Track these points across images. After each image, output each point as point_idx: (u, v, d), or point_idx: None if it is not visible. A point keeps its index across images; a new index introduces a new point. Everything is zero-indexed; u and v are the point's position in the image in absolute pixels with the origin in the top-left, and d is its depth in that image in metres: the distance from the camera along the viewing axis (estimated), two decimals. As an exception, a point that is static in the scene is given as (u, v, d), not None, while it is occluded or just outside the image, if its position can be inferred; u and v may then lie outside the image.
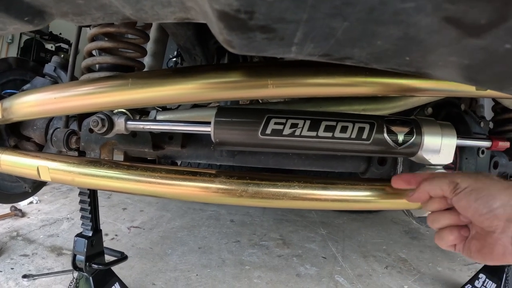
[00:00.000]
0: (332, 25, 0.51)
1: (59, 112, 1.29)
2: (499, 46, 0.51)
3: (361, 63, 0.64)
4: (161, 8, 0.62)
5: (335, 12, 0.48)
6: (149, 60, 1.84)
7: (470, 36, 0.50)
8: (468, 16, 0.46)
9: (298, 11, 0.50)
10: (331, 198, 1.16)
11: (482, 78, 0.67)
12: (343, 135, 1.08)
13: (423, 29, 0.50)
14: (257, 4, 0.49)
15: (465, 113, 1.78)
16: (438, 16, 0.47)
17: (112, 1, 0.61)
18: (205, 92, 1.04)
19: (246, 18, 0.52)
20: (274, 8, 0.50)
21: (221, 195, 1.16)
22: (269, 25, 0.54)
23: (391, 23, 0.50)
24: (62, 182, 1.37)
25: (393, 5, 0.46)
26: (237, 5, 0.49)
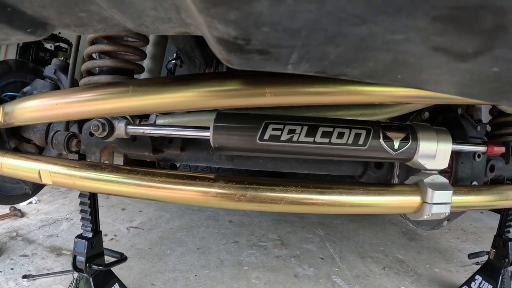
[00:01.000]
0: (326, 50, 0.53)
1: (60, 118, 1.30)
2: (487, 69, 0.53)
3: (355, 79, 0.65)
4: (161, 24, 0.63)
5: (328, 40, 0.50)
6: (149, 63, 1.85)
7: (458, 61, 0.51)
8: (455, 46, 0.47)
9: (292, 39, 0.51)
10: (328, 203, 1.17)
11: (474, 93, 0.68)
12: (340, 141, 1.10)
13: (412, 55, 0.52)
14: (254, 33, 0.51)
15: (461, 117, 1.79)
16: (426, 46, 0.48)
17: (114, 15, 0.63)
18: (204, 100, 1.05)
19: (243, 43, 0.54)
20: (270, 37, 0.52)
21: (219, 200, 1.17)
22: (266, 49, 0.56)
23: (381, 50, 0.51)
24: (63, 185, 1.38)
25: (382, 36, 0.47)
26: (235, 34, 0.51)
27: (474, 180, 1.72)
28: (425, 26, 0.44)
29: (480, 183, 1.74)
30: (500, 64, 0.51)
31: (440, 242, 3.32)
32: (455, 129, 1.71)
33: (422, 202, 1.23)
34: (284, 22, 0.47)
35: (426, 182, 1.23)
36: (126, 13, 0.61)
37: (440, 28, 0.44)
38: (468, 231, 3.75)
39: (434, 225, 1.78)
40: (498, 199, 1.49)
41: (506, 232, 2.22)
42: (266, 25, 0.48)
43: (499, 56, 0.48)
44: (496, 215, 2.79)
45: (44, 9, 0.68)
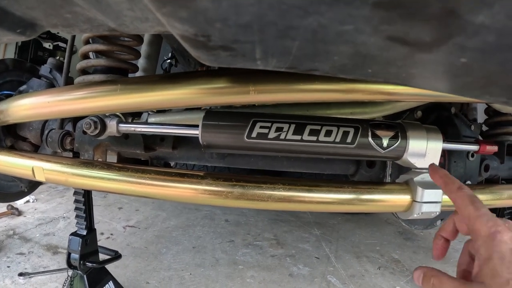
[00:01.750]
0: (285, 44, 0.54)
1: (53, 116, 1.31)
2: (455, 60, 0.53)
3: (328, 74, 0.66)
4: (140, 23, 0.65)
5: (283, 34, 0.51)
6: (143, 62, 1.85)
7: (421, 51, 0.51)
8: (411, 35, 0.48)
9: (248, 35, 0.53)
10: (316, 200, 1.18)
11: (453, 87, 0.69)
12: (328, 139, 1.10)
13: (371, 47, 0.52)
14: (209, 30, 0.52)
15: (455, 116, 1.79)
16: (380, 36, 0.49)
17: (97, 16, 0.64)
18: (191, 98, 1.07)
19: (205, 40, 0.55)
20: (226, 33, 0.53)
21: (207, 196, 1.18)
22: (227, 45, 0.57)
23: (338, 43, 0.52)
24: (56, 182, 1.39)
25: (333, 28, 0.48)
26: (193, 31, 0.52)
27: (468, 180, 1.72)
28: (369, 15, 0.44)
29: (474, 182, 1.74)
30: (466, 54, 0.51)
31: (437, 242, 3.32)
32: (448, 128, 1.72)
33: (412, 200, 1.23)
34: (232, 17, 0.48)
35: (416, 181, 1.23)
36: (105, 14, 0.62)
37: (385, 16, 0.44)
38: (464, 231, 3.74)
39: (427, 224, 1.78)
40: (492, 199, 1.50)
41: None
42: (217, 21, 0.49)
43: (462, 45, 0.48)
44: (492, 215, 2.80)
45: (32, 10, 0.70)
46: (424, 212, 1.22)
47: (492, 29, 0.43)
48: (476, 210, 0.78)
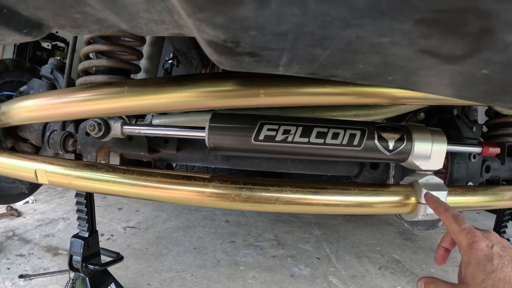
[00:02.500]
0: (315, 53, 0.54)
1: (56, 118, 1.30)
2: (477, 72, 0.53)
3: (346, 80, 0.66)
4: (155, 25, 0.64)
5: (316, 43, 0.51)
6: (145, 63, 1.85)
7: (447, 63, 0.51)
8: (443, 49, 0.48)
9: (280, 43, 0.52)
10: (322, 203, 1.18)
11: (467, 94, 0.69)
12: (335, 141, 1.10)
13: (401, 58, 0.52)
14: (242, 36, 0.51)
15: (457, 118, 1.79)
16: (413, 49, 0.49)
17: (108, 17, 0.63)
18: (199, 100, 1.06)
19: (233, 46, 0.54)
20: (258, 40, 0.52)
21: (214, 199, 1.18)
22: (255, 51, 0.57)
23: (369, 53, 0.52)
24: (59, 185, 1.38)
25: (369, 39, 0.48)
26: (224, 37, 0.52)
27: (470, 181, 1.72)
28: (410, 29, 0.44)
29: (475, 183, 1.74)
30: (489, 66, 0.51)
31: (437, 242, 3.29)
32: (451, 130, 1.72)
33: (417, 202, 1.24)
34: (270, 25, 0.48)
35: (420, 183, 1.23)
36: (119, 15, 0.61)
37: (425, 31, 0.44)
38: (464, 232, 3.75)
39: (429, 225, 1.78)
40: (493, 200, 1.50)
41: (502, 232, 2.22)
42: (253, 28, 0.49)
43: (488, 59, 0.48)
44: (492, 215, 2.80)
45: (39, 10, 0.69)
46: (428, 213, 1.22)
47: None
48: (458, 226, 0.97)
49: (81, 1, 0.62)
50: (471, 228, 0.95)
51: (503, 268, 0.84)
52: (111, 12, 0.61)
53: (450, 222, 1.00)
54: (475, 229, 0.96)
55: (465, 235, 0.94)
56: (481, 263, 0.87)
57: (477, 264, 0.88)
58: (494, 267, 0.85)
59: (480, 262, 0.87)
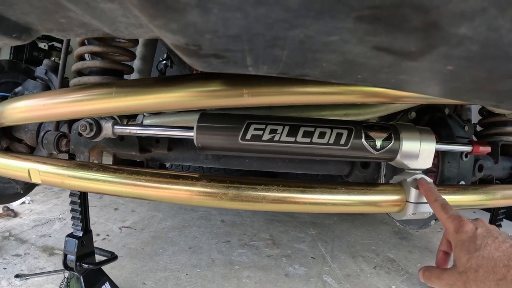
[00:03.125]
0: (274, 53, 0.55)
1: (49, 118, 1.31)
2: (442, 68, 0.54)
3: (319, 79, 0.67)
4: (134, 29, 0.65)
5: (271, 44, 0.52)
6: (139, 64, 1.86)
7: (407, 60, 0.52)
8: (396, 46, 0.49)
9: (237, 44, 0.53)
10: (310, 202, 1.19)
11: (441, 92, 0.70)
12: (321, 140, 1.11)
13: (358, 55, 0.53)
14: (200, 40, 0.53)
15: (449, 117, 1.80)
16: (366, 46, 0.50)
17: (92, 21, 0.65)
18: (185, 101, 1.07)
19: (196, 49, 0.56)
20: (216, 43, 0.54)
21: (202, 198, 1.19)
22: (218, 53, 0.58)
23: (326, 51, 0.53)
24: (52, 184, 1.39)
25: (320, 39, 0.49)
26: (185, 41, 0.53)
27: (462, 180, 1.73)
28: (354, 27, 0.45)
29: (467, 182, 1.75)
30: (452, 62, 0.52)
31: (432, 241, 3.33)
32: (442, 129, 1.73)
33: (405, 201, 1.25)
34: (221, 29, 0.49)
35: (409, 182, 1.24)
36: (100, 20, 0.63)
37: (369, 28, 0.45)
38: (460, 231, 3.75)
39: (421, 224, 1.79)
40: (485, 199, 1.50)
41: (496, 231, 2.23)
42: (207, 32, 0.50)
43: (447, 54, 0.49)
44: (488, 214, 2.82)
45: (26, 15, 0.71)
46: (417, 212, 1.24)
47: (475, 40, 0.44)
48: (446, 214, 1.04)
49: (64, 7, 0.63)
50: (458, 214, 1.01)
51: (486, 247, 0.89)
52: (92, 17, 0.62)
53: (439, 210, 1.07)
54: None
55: (452, 221, 1.00)
56: (465, 244, 0.93)
57: (462, 246, 0.94)
58: (477, 247, 0.90)
59: (465, 243, 0.93)
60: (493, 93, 0.66)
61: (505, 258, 0.85)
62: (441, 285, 0.98)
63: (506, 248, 0.87)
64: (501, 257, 0.86)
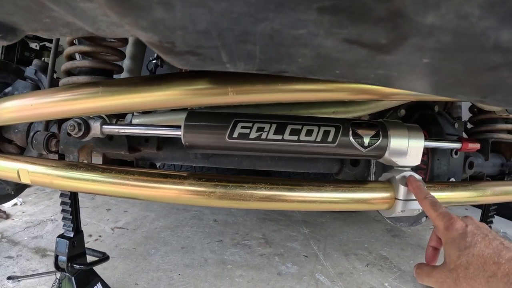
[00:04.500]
0: (247, 48, 0.55)
1: (36, 118, 1.31)
2: (417, 61, 0.53)
3: (299, 75, 0.67)
4: (116, 28, 0.65)
5: (242, 39, 0.52)
6: (129, 63, 1.85)
7: (382, 53, 0.52)
8: (365, 38, 0.48)
9: (209, 40, 0.53)
10: (298, 199, 1.19)
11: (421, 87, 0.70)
12: (309, 138, 1.11)
13: (330, 49, 0.53)
14: (172, 37, 0.53)
15: (438, 115, 1.81)
16: (336, 39, 0.50)
17: (74, 20, 0.65)
18: (171, 99, 1.07)
19: (170, 46, 0.56)
20: (188, 39, 0.54)
21: (190, 197, 1.18)
22: (193, 50, 0.58)
23: (297, 46, 0.52)
24: (41, 184, 1.39)
25: (287, 32, 0.49)
26: (157, 38, 0.53)
27: (452, 177, 1.74)
28: (318, 19, 0.45)
29: (458, 179, 1.76)
30: (427, 54, 0.51)
31: (424, 239, 3.35)
32: (432, 127, 1.73)
33: (394, 198, 1.25)
34: (189, 25, 0.49)
35: (397, 179, 1.24)
36: (82, 19, 0.63)
37: (334, 19, 0.45)
38: (452, 228, 3.77)
39: (412, 221, 1.79)
40: (475, 195, 1.51)
41: (488, 227, 2.24)
42: (176, 29, 0.50)
43: (420, 46, 0.49)
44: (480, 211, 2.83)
45: (12, 16, 0.71)
46: (406, 209, 1.24)
47: (445, 29, 0.44)
48: (435, 211, 1.04)
49: (47, 7, 0.63)
50: (447, 212, 1.02)
51: (477, 244, 0.89)
52: (73, 16, 0.62)
53: (428, 208, 1.08)
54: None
55: (441, 219, 1.00)
56: (455, 241, 0.93)
57: (452, 243, 0.94)
58: (468, 244, 0.90)
59: (455, 241, 0.94)
60: (475, 88, 0.66)
61: (495, 255, 0.86)
62: (432, 282, 0.99)
63: (496, 246, 0.88)
64: (491, 254, 0.86)
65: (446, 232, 0.97)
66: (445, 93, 0.73)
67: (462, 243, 0.92)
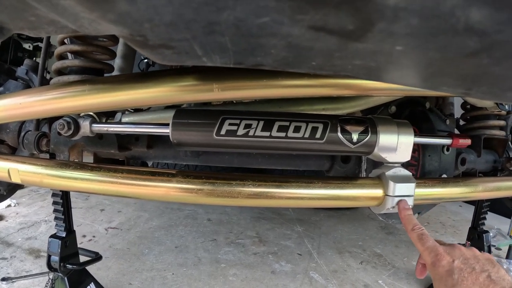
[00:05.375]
0: (217, 40, 0.54)
1: (25, 117, 1.31)
2: (391, 48, 0.52)
3: (276, 68, 0.67)
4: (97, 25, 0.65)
5: (209, 30, 0.51)
6: (119, 62, 1.85)
7: (352, 40, 0.51)
8: (330, 24, 0.47)
9: (178, 32, 0.53)
10: (286, 196, 1.19)
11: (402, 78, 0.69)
12: (297, 134, 1.11)
13: (300, 38, 0.52)
14: (142, 30, 0.53)
15: (430, 111, 1.81)
16: (302, 26, 0.48)
17: (58, 18, 0.65)
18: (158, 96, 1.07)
19: (142, 39, 0.56)
20: (158, 32, 0.53)
21: (178, 194, 1.19)
22: (165, 43, 0.58)
23: (266, 36, 0.52)
24: (31, 183, 1.39)
25: (251, 21, 0.48)
26: (128, 32, 0.53)
27: (444, 173, 1.74)
28: (279, 5, 0.44)
29: (450, 176, 1.76)
30: (399, 41, 0.50)
31: (419, 236, 3.35)
32: (423, 123, 1.74)
33: (384, 194, 1.25)
34: (155, 17, 0.49)
35: (387, 175, 1.25)
36: (64, 17, 0.63)
37: (294, 5, 0.43)
38: (446, 224, 3.79)
39: (404, 218, 1.79)
40: (466, 192, 1.51)
41: (481, 224, 2.25)
42: (143, 21, 0.50)
43: (389, 32, 0.48)
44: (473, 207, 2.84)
45: (-3, 15, 0.71)
46: (396, 206, 1.24)
47: (410, 11, 0.42)
48: (422, 246, 1.06)
49: (30, 5, 0.63)
50: (434, 246, 1.04)
51: (463, 281, 0.92)
52: (56, 14, 0.62)
53: (416, 241, 1.09)
54: (439, 245, 1.05)
55: (428, 254, 1.03)
56: (443, 279, 0.96)
57: (439, 280, 0.97)
58: (455, 281, 0.93)
59: (442, 278, 0.96)
60: (458, 79, 0.66)
61: None
62: None
63: (483, 280, 0.91)
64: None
65: (433, 269, 1.00)
66: (427, 85, 0.72)
67: (449, 281, 0.94)
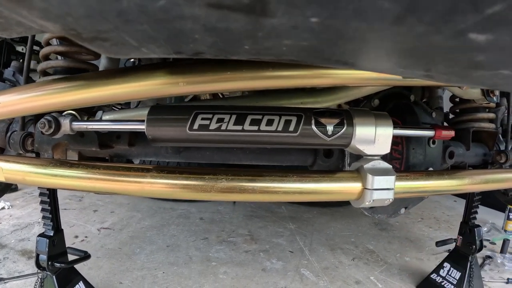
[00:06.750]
0: (140, 29, 0.54)
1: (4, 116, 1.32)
2: (304, 21, 0.47)
3: (218, 56, 0.66)
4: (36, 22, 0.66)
5: (124, 18, 0.50)
6: (105, 62, 1.85)
7: (261, 16, 0.46)
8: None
9: (99, 23, 0.53)
10: (259, 190, 1.19)
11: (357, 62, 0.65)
12: (269, 128, 1.11)
13: (207, 19, 0.49)
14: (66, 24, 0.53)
15: (414, 104, 1.81)
16: (198, 5, 0.45)
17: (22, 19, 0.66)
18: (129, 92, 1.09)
19: (76, 34, 0.56)
20: (83, 25, 0.54)
21: (153, 189, 1.20)
22: (98, 36, 0.58)
23: (176, 20, 0.50)
24: (15, 181, 1.41)
25: (151, 5, 0.46)
26: (60, 27, 0.54)
27: (430, 167, 1.73)
28: None
29: (436, 169, 1.75)
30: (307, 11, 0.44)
31: (412, 231, 3.36)
32: (407, 116, 1.73)
33: (363, 188, 1.24)
34: (71, 10, 0.49)
35: (366, 168, 1.24)
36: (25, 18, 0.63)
37: None
38: (441, 220, 3.80)
39: (390, 212, 1.79)
40: (452, 185, 1.50)
41: (472, 218, 2.25)
42: (64, 16, 0.50)
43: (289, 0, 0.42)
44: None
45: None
46: (376, 199, 1.23)
47: None
48: None
49: None
50: None
51: None
52: (17, 15, 0.63)
53: None
54: None
55: None
56: None
57: None
58: None
59: None
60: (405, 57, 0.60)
61: None
62: None
63: None
64: None
65: None
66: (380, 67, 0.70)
67: None
